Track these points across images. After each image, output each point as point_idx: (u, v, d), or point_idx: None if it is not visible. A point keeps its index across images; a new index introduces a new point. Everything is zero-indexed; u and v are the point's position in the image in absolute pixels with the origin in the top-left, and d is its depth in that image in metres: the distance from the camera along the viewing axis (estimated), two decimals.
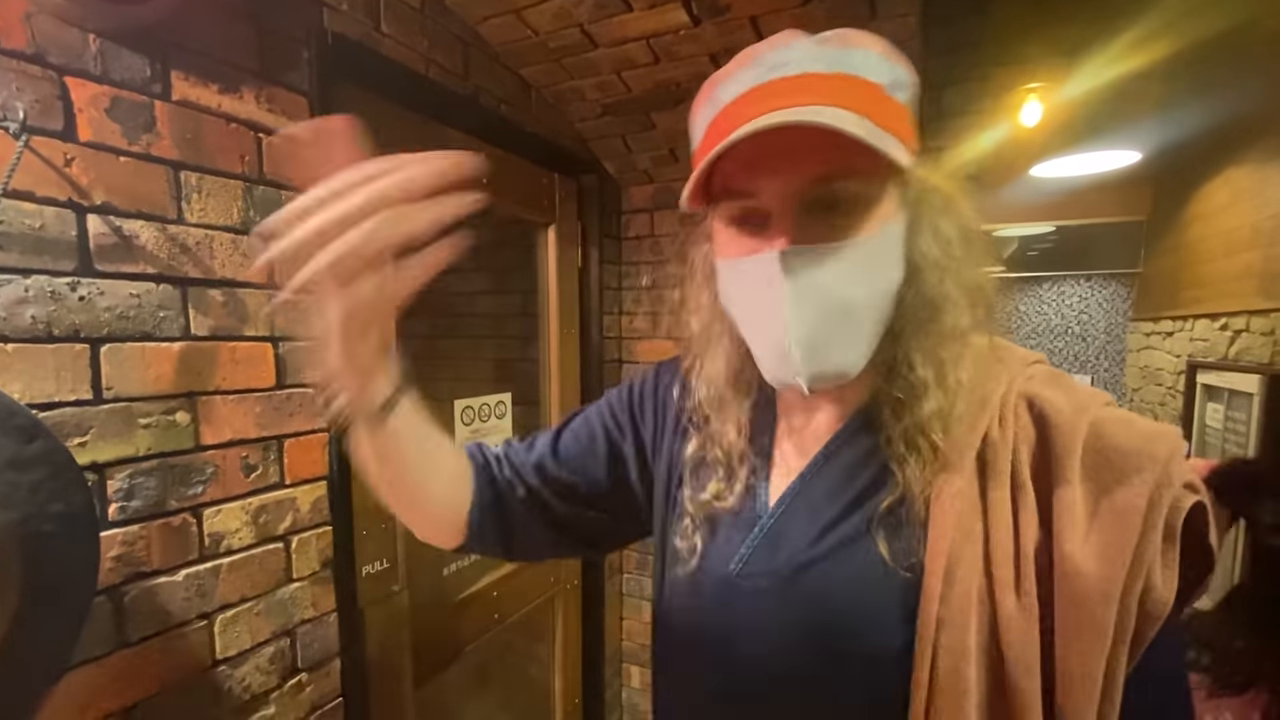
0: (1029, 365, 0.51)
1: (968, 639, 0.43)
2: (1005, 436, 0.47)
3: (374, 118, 1.16)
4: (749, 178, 0.46)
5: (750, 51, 0.47)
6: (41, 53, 0.73)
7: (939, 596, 0.43)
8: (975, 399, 0.48)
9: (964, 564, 0.44)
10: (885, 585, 0.46)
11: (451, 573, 1.49)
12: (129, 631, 0.82)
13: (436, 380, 1.87)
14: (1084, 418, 0.45)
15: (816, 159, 0.44)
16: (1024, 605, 0.43)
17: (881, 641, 0.46)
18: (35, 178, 0.72)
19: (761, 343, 0.50)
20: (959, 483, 0.46)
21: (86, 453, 0.78)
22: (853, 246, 0.45)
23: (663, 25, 1.27)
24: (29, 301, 0.73)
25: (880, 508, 0.48)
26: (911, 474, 0.47)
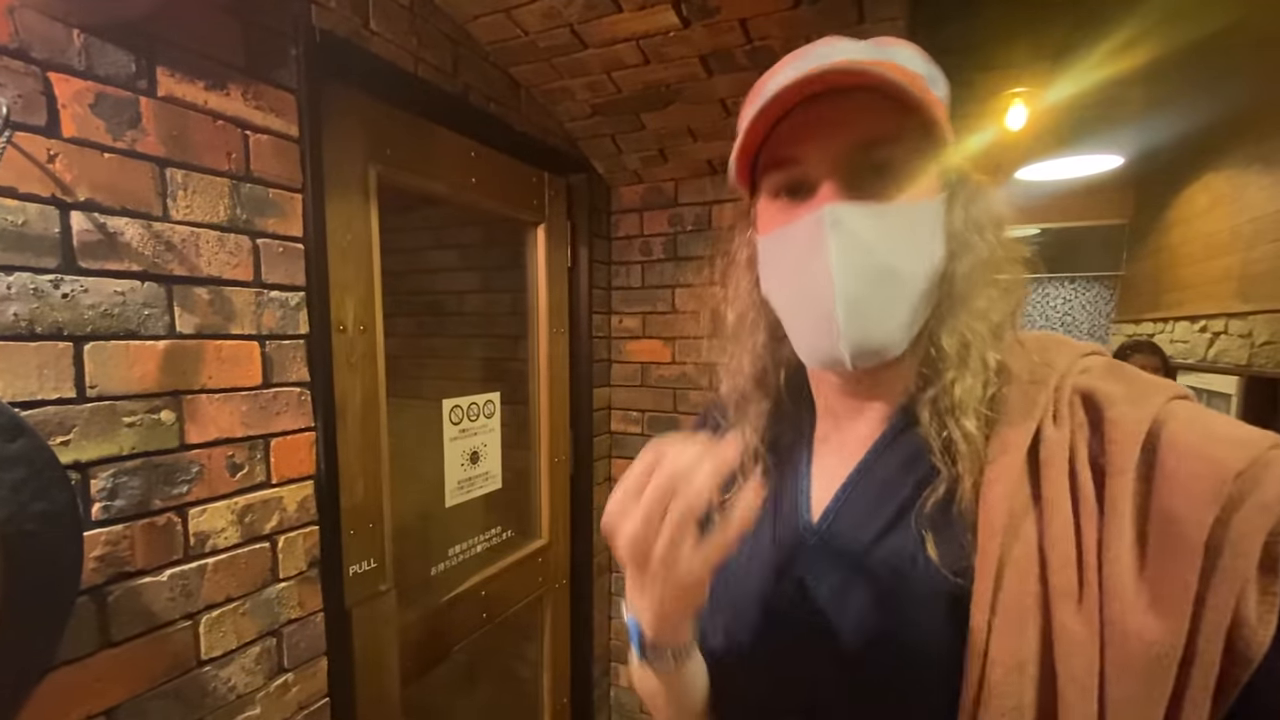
0: (1083, 356, 0.48)
1: (1021, 651, 0.39)
2: (1061, 433, 0.43)
3: (362, 116, 1.16)
4: (795, 146, 0.46)
5: (795, 52, 0.49)
6: (25, 47, 0.72)
7: (989, 604, 0.40)
8: (1020, 390, 0.46)
9: (1015, 568, 0.40)
10: (935, 591, 0.43)
11: (440, 572, 1.49)
12: (113, 632, 0.82)
13: (424, 379, 1.87)
14: (1145, 411, 0.41)
15: (862, 124, 0.44)
16: (1085, 617, 0.38)
17: (931, 652, 0.43)
18: (18, 174, 0.72)
19: (804, 313, 0.49)
20: (1010, 480, 0.43)
21: (69, 451, 0.77)
22: (898, 210, 0.45)
23: (652, 26, 1.28)
24: (11, 299, 0.72)
25: (926, 507, 0.45)
26: (956, 470, 0.44)
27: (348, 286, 1.14)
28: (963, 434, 0.45)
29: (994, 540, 0.41)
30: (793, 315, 0.51)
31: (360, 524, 1.17)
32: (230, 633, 0.94)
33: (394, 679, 1.26)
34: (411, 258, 2.00)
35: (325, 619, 1.08)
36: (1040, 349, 0.49)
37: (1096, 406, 0.43)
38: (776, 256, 0.50)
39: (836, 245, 0.44)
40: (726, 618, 0.55)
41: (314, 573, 1.06)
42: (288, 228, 1.00)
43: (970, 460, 0.44)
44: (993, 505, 0.42)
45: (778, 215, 0.49)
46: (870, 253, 0.44)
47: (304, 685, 1.06)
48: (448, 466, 1.47)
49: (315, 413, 1.05)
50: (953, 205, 0.48)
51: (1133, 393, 0.43)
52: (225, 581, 0.94)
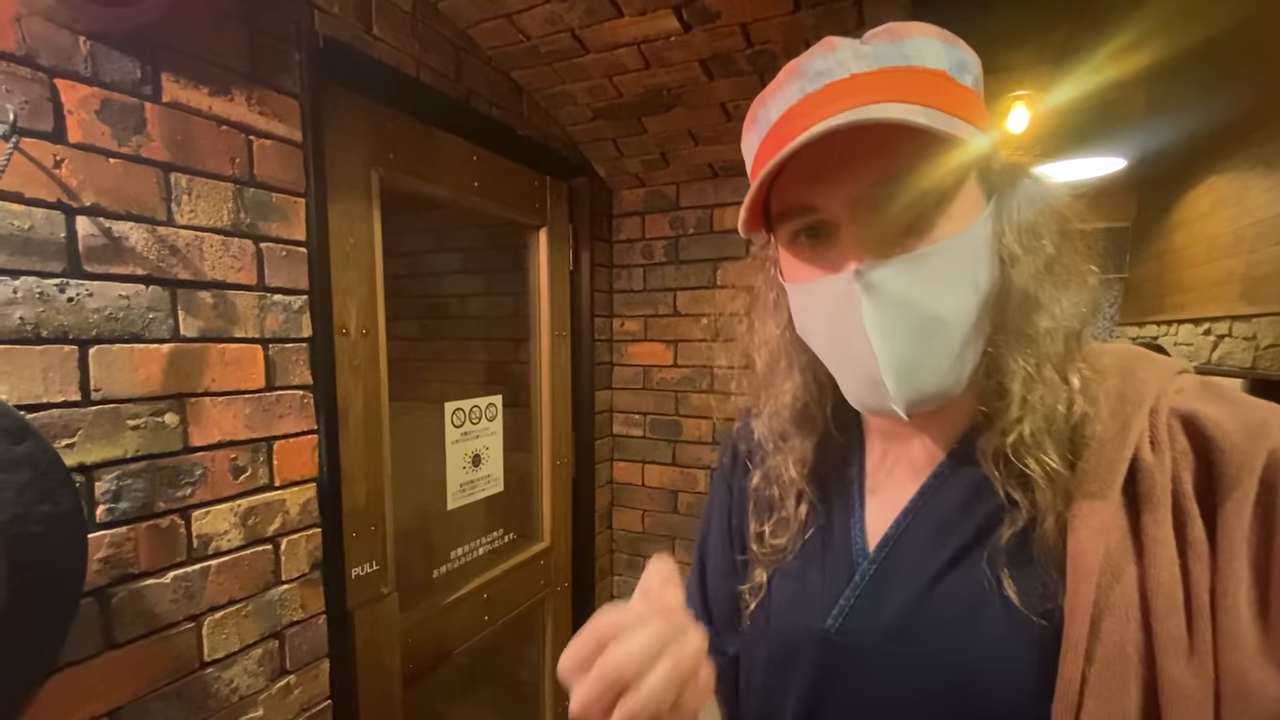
0: (1176, 375, 0.43)
1: (1124, 706, 0.35)
2: (1161, 461, 0.38)
3: (365, 120, 1.17)
4: (808, 191, 0.42)
5: (791, 66, 0.43)
6: (31, 54, 0.73)
7: (1084, 653, 0.36)
8: (1111, 415, 0.41)
9: (1114, 613, 0.36)
10: (1015, 637, 0.39)
11: (441, 575, 1.49)
12: (116, 633, 0.82)
13: (427, 382, 1.87)
14: (1261, 444, 0.37)
15: (879, 160, 0.39)
16: (1196, 669, 0.35)
17: (1011, 708, 0.39)
18: (24, 179, 0.73)
19: (848, 371, 0.45)
20: (1104, 514, 0.38)
21: (74, 454, 0.77)
22: (934, 252, 0.40)
23: (653, 31, 1.28)
24: (17, 302, 0.73)
25: (1001, 542, 0.41)
26: (1037, 501, 0.40)
27: (350, 290, 1.14)
28: (1042, 466, 0.40)
29: (1089, 582, 0.37)
30: (837, 369, 0.47)
31: (362, 526, 1.18)
32: (233, 634, 0.95)
33: (396, 681, 1.26)
34: (414, 261, 2.01)
35: (327, 621, 1.09)
36: (1124, 366, 0.43)
37: (1202, 433, 0.39)
38: (807, 310, 0.46)
39: (874, 310, 0.40)
40: (771, 647, 0.51)
41: (316, 575, 1.07)
42: (291, 231, 1.01)
43: (1053, 493, 0.40)
44: (1085, 543, 0.38)
45: (800, 264, 0.45)
46: (911, 309, 0.40)
47: (306, 687, 1.06)
48: (449, 469, 1.48)
49: (318, 416, 1.06)
50: (1000, 216, 0.43)
51: (1242, 418, 0.38)
52: (228, 583, 0.94)
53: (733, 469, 0.62)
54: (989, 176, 0.43)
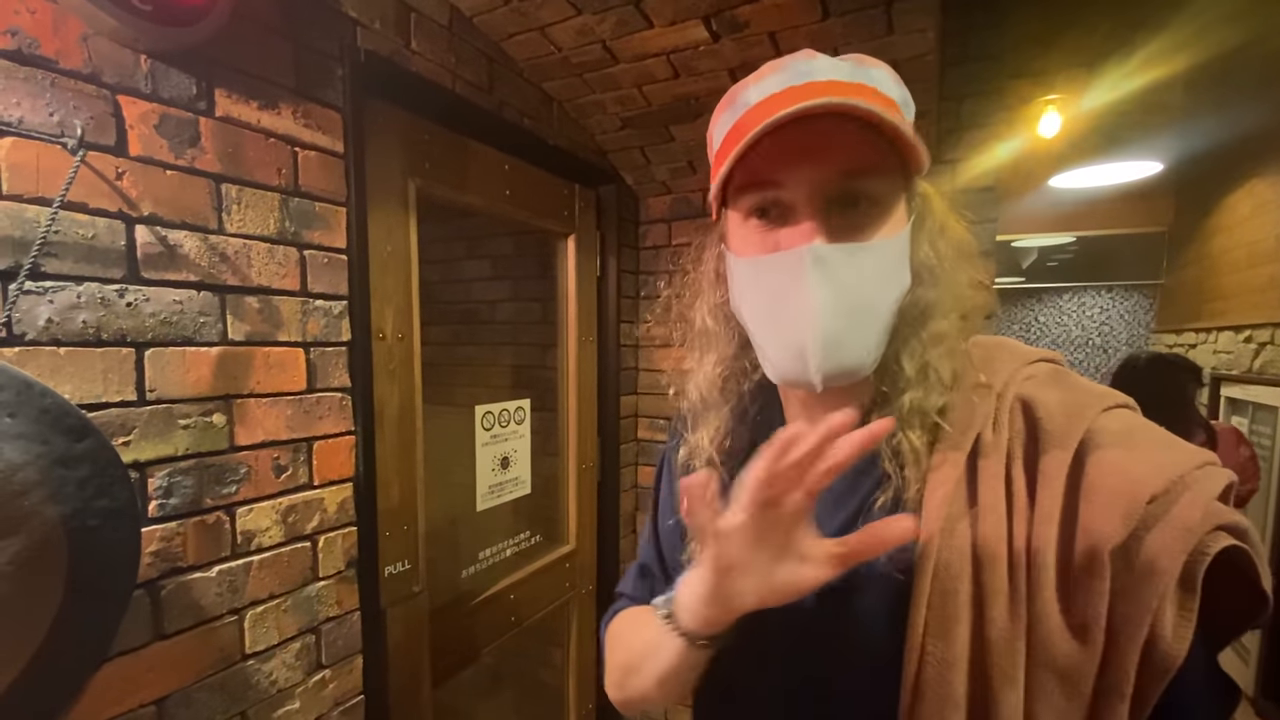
0: (1030, 364, 0.50)
1: (955, 648, 0.42)
2: (999, 440, 0.46)
3: (403, 131, 1.21)
4: (776, 168, 0.46)
5: (774, 62, 0.49)
6: (97, 73, 0.77)
7: (925, 601, 0.43)
8: (964, 398, 0.48)
9: (950, 568, 0.43)
10: (879, 588, 0.46)
11: (470, 575, 1.51)
12: (165, 624, 0.86)
13: (458, 386, 1.91)
14: (1079, 422, 0.44)
15: (845, 154, 0.44)
16: (1013, 614, 0.41)
17: (874, 647, 0.45)
18: (89, 190, 0.77)
19: (777, 340, 0.49)
20: (949, 484, 0.45)
21: (130, 451, 0.81)
22: (875, 247, 0.46)
23: (683, 41, 1.30)
24: (81, 307, 0.77)
25: (874, 508, 0.48)
26: (902, 476, 0.47)
27: (387, 296, 1.18)
28: (909, 442, 0.47)
29: (931, 541, 0.44)
30: (765, 339, 0.51)
31: (395, 526, 1.20)
32: (273, 628, 0.98)
33: (425, 679, 1.29)
34: (446, 268, 2.05)
35: (361, 618, 1.12)
36: (988, 357, 0.51)
37: (1033, 415, 0.46)
38: (752, 281, 0.50)
39: (817, 284, 0.45)
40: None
41: (351, 573, 1.10)
42: (332, 239, 1.04)
43: (915, 466, 0.47)
44: (932, 508, 0.45)
45: (753, 238, 0.49)
46: (850, 290, 0.45)
47: (340, 682, 1.09)
48: (479, 471, 1.50)
49: (355, 417, 1.09)
50: (918, 233, 0.50)
51: (1069, 401, 0.45)
52: (269, 579, 0.97)
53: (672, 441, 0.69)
54: (912, 199, 0.50)
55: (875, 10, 1.18)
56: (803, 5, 1.19)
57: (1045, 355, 0.52)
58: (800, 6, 1.19)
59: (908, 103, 0.49)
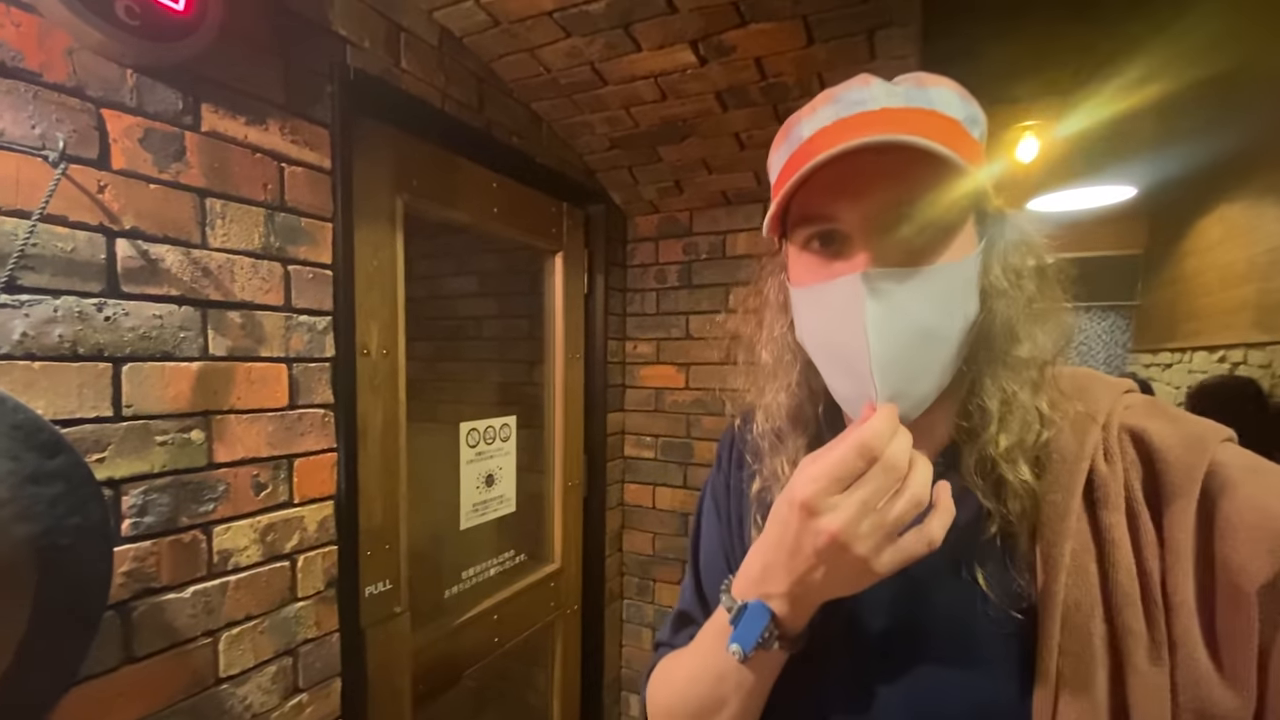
0: (1123, 394, 0.48)
1: (1095, 698, 0.39)
2: (1115, 471, 0.43)
3: (391, 149, 1.21)
4: (829, 202, 0.45)
5: (828, 92, 0.47)
6: (81, 86, 0.77)
7: (1058, 646, 0.40)
8: (1071, 431, 0.46)
9: (1081, 608, 0.40)
10: (996, 633, 0.43)
11: (453, 595, 1.49)
12: (136, 647, 0.83)
13: (443, 403, 1.89)
14: (1201, 455, 0.41)
15: (898, 183, 0.43)
16: (1154, 657, 0.39)
17: (993, 695, 0.42)
18: (69, 203, 0.76)
19: (840, 369, 0.48)
20: (1068, 519, 0.42)
21: (104, 468, 0.80)
22: (934, 272, 0.44)
23: (670, 64, 1.32)
24: (57, 321, 0.75)
25: (979, 546, 0.45)
26: (1009, 508, 0.45)
27: (373, 312, 1.17)
28: (1017, 478, 0.45)
29: (1058, 580, 0.41)
30: (829, 370, 0.50)
31: (377, 545, 1.19)
32: (249, 651, 0.96)
33: (406, 702, 1.26)
34: (433, 284, 2.05)
35: (341, 639, 1.09)
36: (1080, 387, 0.49)
37: (1148, 446, 0.43)
38: (811, 311, 0.50)
39: (872, 311, 0.43)
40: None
41: (331, 593, 1.08)
42: (318, 255, 1.04)
43: (1024, 501, 0.44)
44: (1053, 545, 0.42)
45: (810, 268, 0.48)
46: (906, 317, 0.43)
47: (318, 706, 1.06)
48: (463, 489, 1.49)
49: (338, 434, 1.08)
50: (989, 255, 0.47)
51: (1184, 433, 0.43)
52: (246, 599, 0.95)
53: (731, 467, 0.64)
54: (984, 220, 0.47)
55: (858, 37, 1.21)
56: (788, 31, 1.21)
57: (1131, 385, 0.50)
58: (785, 33, 1.22)
59: (975, 119, 0.47)
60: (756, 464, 0.59)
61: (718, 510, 0.64)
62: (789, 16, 1.18)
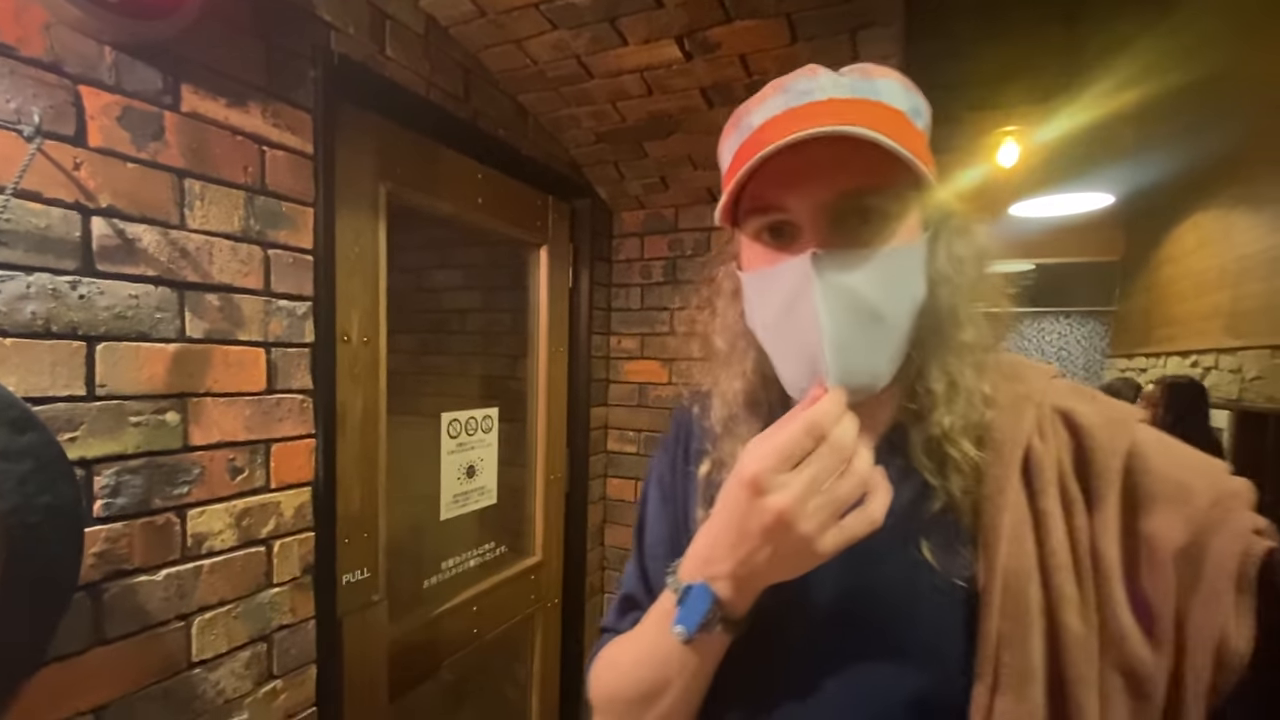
0: (1051, 379, 0.52)
1: (1031, 655, 0.42)
2: (1049, 448, 0.46)
3: (375, 136, 1.21)
4: (779, 193, 0.46)
5: (777, 82, 0.49)
6: (58, 62, 0.76)
7: (1000, 610, 0.43)
8: (1009, 412, 0.48)
9: (1020, 574, 0.43)
10: (943, 601, 0.45)
11: (432, 585, 1.49)
12: (106, 629, 0.82)
13: (425, 395, 1.89)
14: (1123, 436, 0.45)
15: (846, 174, 0.45)
16: (1085, 619, 0.42)
17: (944, 652, 0.45)
18: (44, 179, 0.75)
19: (791, 351, 0.49)
20: (1008, 495, 0.45)
21: (76, 448, 0.79)
22: (881, 255, 0.45)
23: (656, 59, 1.33)
24: (30, 298, 0.75)
25: (924, 520, 0.47)
26: (951, 487, 0.47)
27: (354, 299, 1.17)
28: (961, 454, 0.47)
29: (998, 549, 0.44)
30: (779, 353, 0.51)
31: (355, 533, 1.18)
32: (222, 636, 0.95)
33: (383, 691, 1.25)
34: (418, 276, 2.04)
35: (316, 627, 1.09)
36: (1014, 373, 0.52)
37: (1077, 426, 0.47)
38: (761, 296, 0.51)
39: (824, 292, 0.44)
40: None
41: (307, 579, 1.07)
42: (298, 239, 1.03)
43: (967, 477, 0.47)
44: (994, 518, 0.45)
45: (761, 255, 0.50)
46: (855, 298, 0.45)
47: (292, 693, 1.06)
48: (444, 480, 1.48)
49: (316, 420, 1.07)
50: (936, 244, 0.49)
51: (1106, 415, 0.47)
52: (220, 584, 0.95)
53: (679, 449, 0.64)
54: (928, 211, 0.49)
55: (841, 37, 1.23)
56: (771, 30, 1.23)
57: (1056, 370, 0.53)
58: (769, 31, 1.23)
59: (919, 110, 0.49)
60: (709, 447, 0.59)
61: (663, 493, 0.65)
62: (772, 14, 1.19)
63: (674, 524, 0.63)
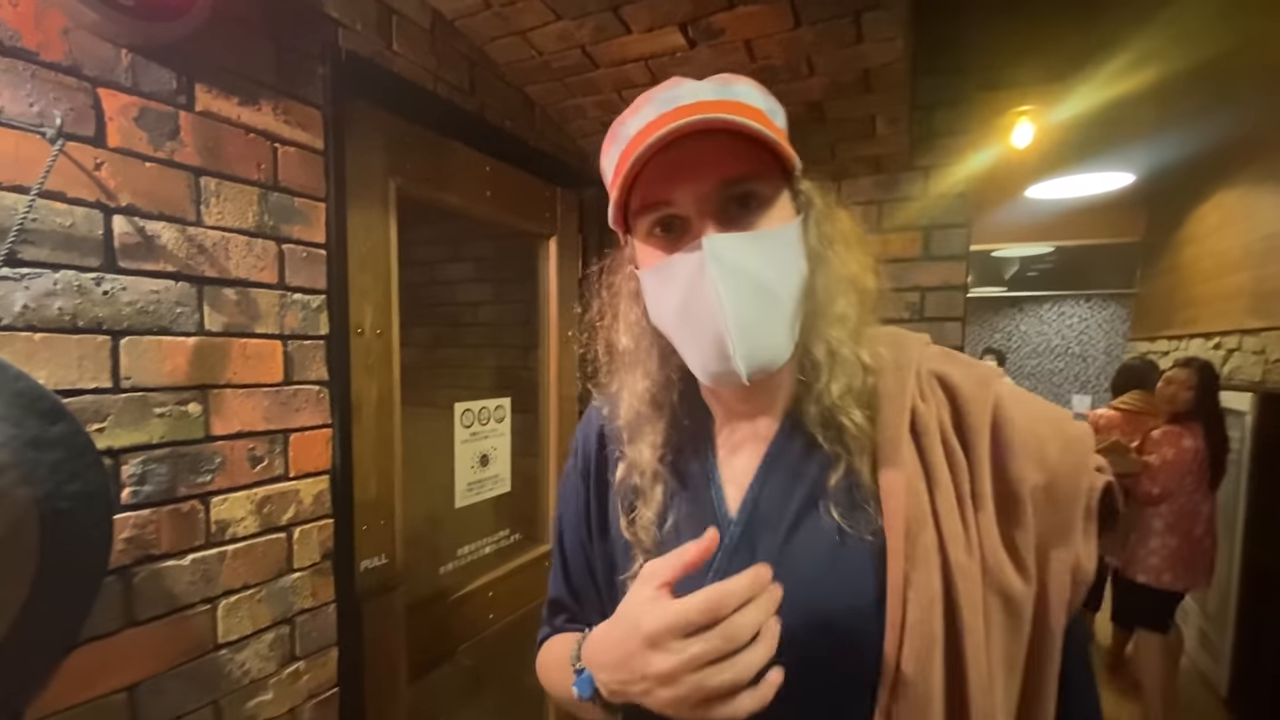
0: (925, 346, 0.58)
1: (931, 588, 0.48)
2: (929, 408, 0.53)
3: (384, 131, 1.23)
4: (664, 188, 0.51)
5: (645, 94, 0.53)
6: (77, 65, 0.79)
7: (904, 555, 0.48)
8: (893, 378, 0.54)
9: (919, 522, 0.49)
10: (850, 552, 0.51)
11: (448, 571, 1.52)
12: (137, 611, 0.86)
13: (438, 388, 1.92)
14: (988, 393, 0.52)
15: (722, 164, 0.49)
16: (970, 554, 0.49)
17: (860, 603, 0.50)
18: (67, 180, 0.78)
19: (695, 336, 0.52)
20: (903, 453, 0.51)
21: (104, 438, 0.82)
22: (765, 235, 0.50)
23: (660, 47, 1.33)
24: (57, 294, 0.78)
25: (830, 487, 0.52)
26: (849, 454, 0.52)
27: (366, 292, 1.19)
28: (853, 422, 0.53)
29: (899, 502, 0.50)
30: (685, 340, 0.54)
31: (372, 520, 1.21)
32: (246, 618, 0.99)
33: (401, 674, 1.29)
34: (429, 270, 2.07)
35: (336, 610, 1.12)
36: (895, 342, 0.57)
37: (951, 387, 0.54)
38: (662, 288, 0.53)
39: (720, 273, 0.48)
40: None
41: (327, 565, 1.10)
42: (311, 234, 1.06)
43: (862, 442, 0.53)
44: (891, 475, 0.51)
45: (655, 252, 0.53)
46: (749, 276, 0.49)
47: (314, 674, 1.09)
48: (458, 468, 1.51)
49: (332, 411, 1.10)
50: (807, 226, 0.54)
51: (974, 376, 0.54)
52: (243, 569, 0.98)
53: (593, 453, 0.67)
54: (797, 197, 0.54)
55: (845, 20, 1.22)
56: (775, 14, 1.22)
57: (928, 339, 0.59)
58: (773, 15, 1.23)
59: (775, 110, 0.54)
60: (621, 452, 0.62)
61: (577, 500, 0.68)
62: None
63: (588, 531, 0.67)
